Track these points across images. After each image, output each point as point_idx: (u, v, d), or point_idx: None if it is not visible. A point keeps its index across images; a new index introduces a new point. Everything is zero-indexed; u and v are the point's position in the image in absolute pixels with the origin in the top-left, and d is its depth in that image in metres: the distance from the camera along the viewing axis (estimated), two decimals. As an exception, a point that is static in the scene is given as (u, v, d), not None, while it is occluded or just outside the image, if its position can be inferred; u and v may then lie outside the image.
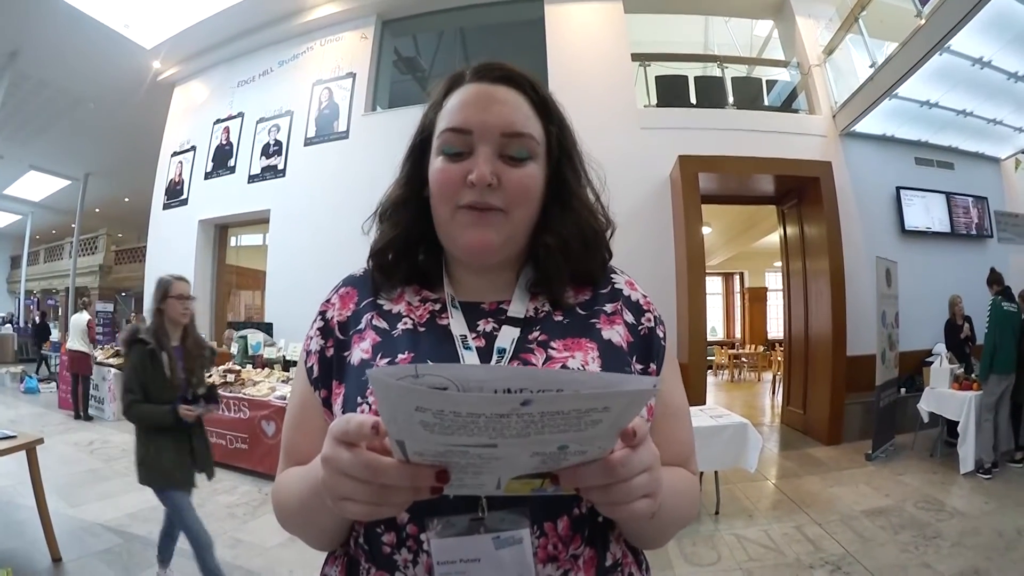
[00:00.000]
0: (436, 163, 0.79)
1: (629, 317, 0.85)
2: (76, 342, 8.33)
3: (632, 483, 0.55)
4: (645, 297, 0.89)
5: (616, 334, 0.82)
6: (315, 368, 0.83)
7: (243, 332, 7.56)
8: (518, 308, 0.82)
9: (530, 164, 0.79)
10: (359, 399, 0.74)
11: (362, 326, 0.83)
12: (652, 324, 0.86)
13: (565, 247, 0.82)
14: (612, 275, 0.90)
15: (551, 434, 0.47)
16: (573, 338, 0.79)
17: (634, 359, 0.82)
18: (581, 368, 0.75)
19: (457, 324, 0.80)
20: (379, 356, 0.78)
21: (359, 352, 0.79)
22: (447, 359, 0.76)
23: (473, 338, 0.79)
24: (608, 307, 0.85)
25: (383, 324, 0.82)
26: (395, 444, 0.50)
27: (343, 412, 0.75)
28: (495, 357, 0.76)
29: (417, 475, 0.52)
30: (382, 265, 0.86)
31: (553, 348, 0.78)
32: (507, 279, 0.86)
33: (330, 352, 0.82)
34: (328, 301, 0.89)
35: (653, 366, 0.83)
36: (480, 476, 0.53)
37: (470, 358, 0.76)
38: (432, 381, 0.44)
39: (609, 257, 0.90)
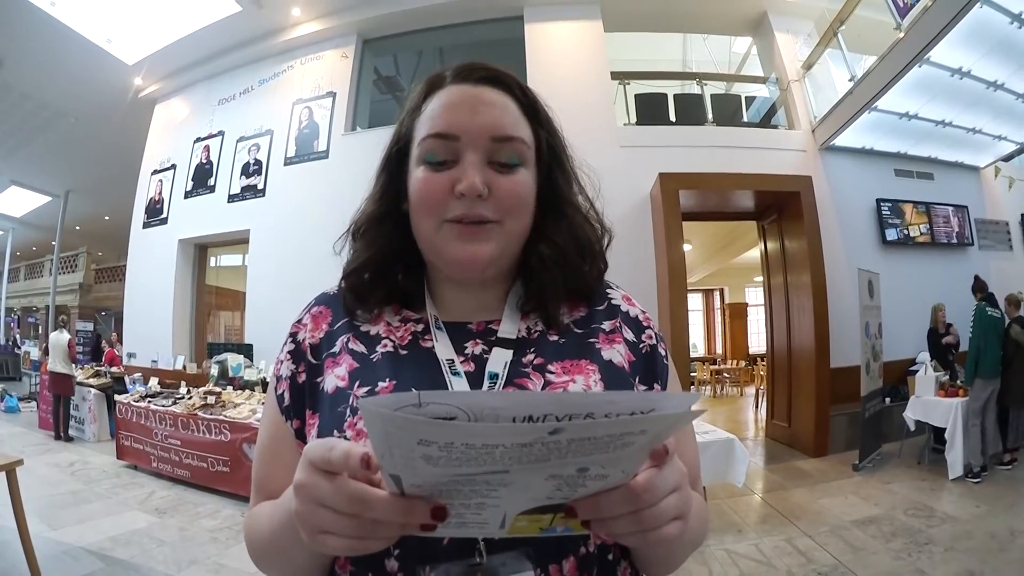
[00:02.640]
0: (417, 173, 0.73)
1: (629, 335, 0.80)
2: (58, 363, 8.25)
3: (660, 507, 0.50)
4: (644, 312, 0.84)
5: (617, 354, 0.77)
6: (286, 395, 0.77)
7: (221, 356, 7.49)
8: (509, 328, 0.76)
9: (521, 171, 0.73)
10: (335, 432, 0.68)
11: (336, 349, 0.77)
12: (653, 341, 0.81)
13: (562, 257, 0.77)
14: (608, 290, 0.84)
15: (575, 457, 0.42)
16: (572, 360, 0.74)
17: (637, 380, 0.77)
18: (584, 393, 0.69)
19: (443, 347, 0.74)
20: (357, 384, 0.72)
21: (334, 379, 0.73)
22: (433, 386, 0.69)
23: (461, 362, 0.73)
24: (606, 324, 0.79)
25: (360, 347, 0.76)
26: (389, 478, 0.45)
27: None
28: (487, 383, 0.70)
29: (411, 510, 0.46)
30: (356, 287, 0.79)
31: (551, 372, 0.72)
32: (495, 296, 0.80)
33: (302, 378, 0.76)
34: (299, 322, 0.82)
35: (657, 387, 0.79)
36: (483, 511, 0.47)
37: (459, 384, 0.70)
38: (437, 411, 0.39)
39: (605, 268, 0.84)
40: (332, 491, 0.47)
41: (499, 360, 0.73)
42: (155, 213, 10.29)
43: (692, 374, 12.53)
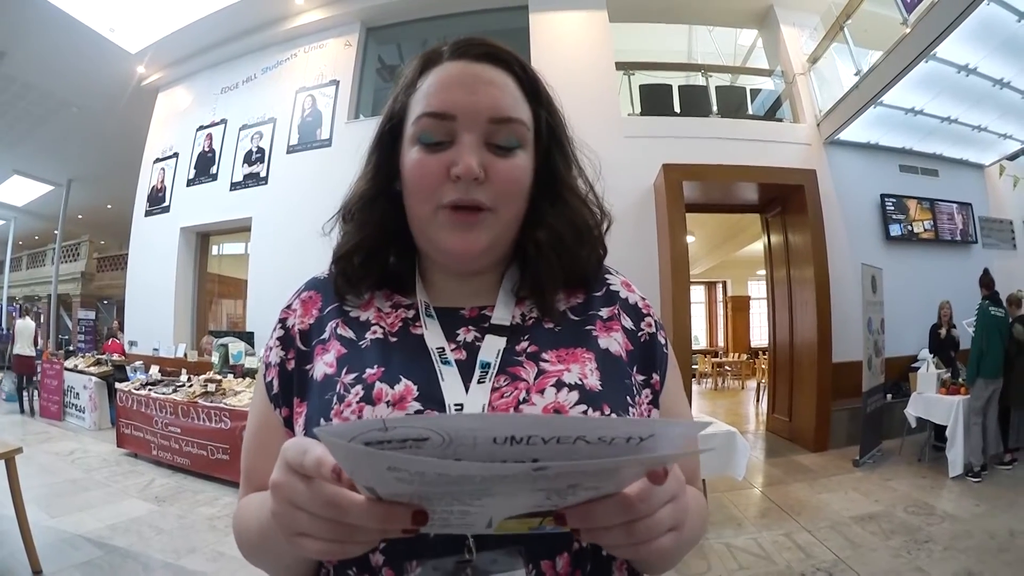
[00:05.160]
0: (411, 154, 0.69)
1: (627, 322, 0.77)
2: (24, 347, 8.86)
3: (655, 518, 0.47)
4: (643, 299, 0.81)
5: (614, 342, 0.74)
6: (275, 383, 0.74)
7: (224, 340, 7.48)
8: (503, 315, 0.73)
9: (519, 154, 0.70)
10: (322, 421, 0.66)
11: (326, 336, 0.74)
12: (653, 330, 0.78)
13: (559, 243, 0.73)
14: (606, 275, 0.81)
15: (563, 482, 0.40)
16: (567, 348, 0.71)
17: (635, 369, 0.74)
18: (579, 382, 0.67)
19: (433, 335, 0.71)
20: (345, 370, 0.69)
21: (322, 366, 0.71)
22: (422, 373, 0.67)
23: (452, 350, 0.70)
24: (604, 311, 0.76)
25: (349, 333, 0.74)
26: (363, 487, 0.43)
27: (305, 435, 0.67)
28: (478, 372, 0.67)
29: (390, 515, 0.43)
30: (347, 271, 0.76)
31: (545, 360, 0.69)
32: (489, 282, 0.77)
33: (291, 365, 0.74)
34: (289, 307, 0.80)
35: (656, 376, 0.76)
36: (468, 516, 0.45)
37: (449, 373, 0.67)
38: (406, 434, 0.36)
39: (604, 254, 0.80)
40: (307, 494, 0.45)
41: (492, 348, 0.70)
42: (157, 201, 10.31)
43: (693, 367, 12.55)
